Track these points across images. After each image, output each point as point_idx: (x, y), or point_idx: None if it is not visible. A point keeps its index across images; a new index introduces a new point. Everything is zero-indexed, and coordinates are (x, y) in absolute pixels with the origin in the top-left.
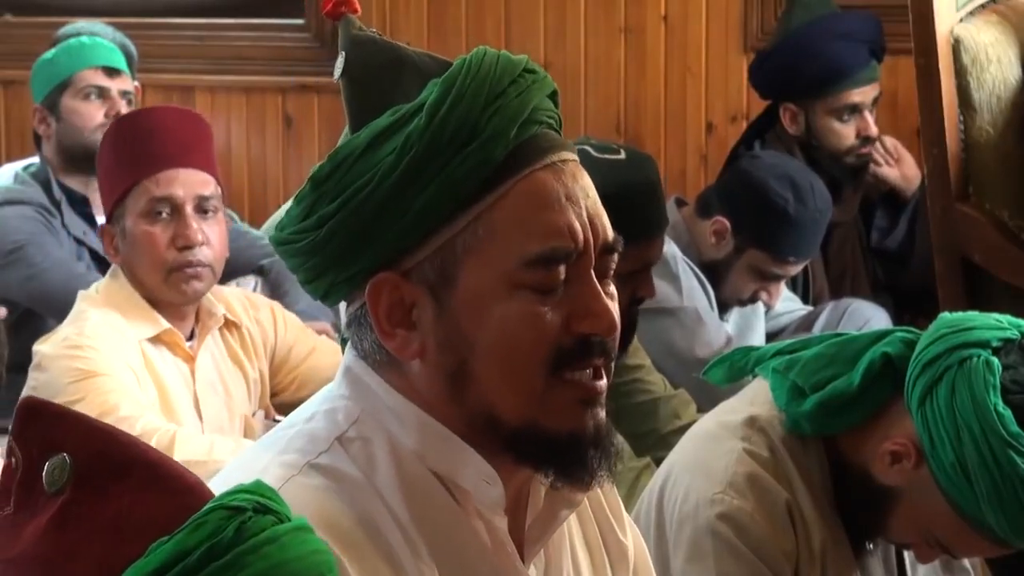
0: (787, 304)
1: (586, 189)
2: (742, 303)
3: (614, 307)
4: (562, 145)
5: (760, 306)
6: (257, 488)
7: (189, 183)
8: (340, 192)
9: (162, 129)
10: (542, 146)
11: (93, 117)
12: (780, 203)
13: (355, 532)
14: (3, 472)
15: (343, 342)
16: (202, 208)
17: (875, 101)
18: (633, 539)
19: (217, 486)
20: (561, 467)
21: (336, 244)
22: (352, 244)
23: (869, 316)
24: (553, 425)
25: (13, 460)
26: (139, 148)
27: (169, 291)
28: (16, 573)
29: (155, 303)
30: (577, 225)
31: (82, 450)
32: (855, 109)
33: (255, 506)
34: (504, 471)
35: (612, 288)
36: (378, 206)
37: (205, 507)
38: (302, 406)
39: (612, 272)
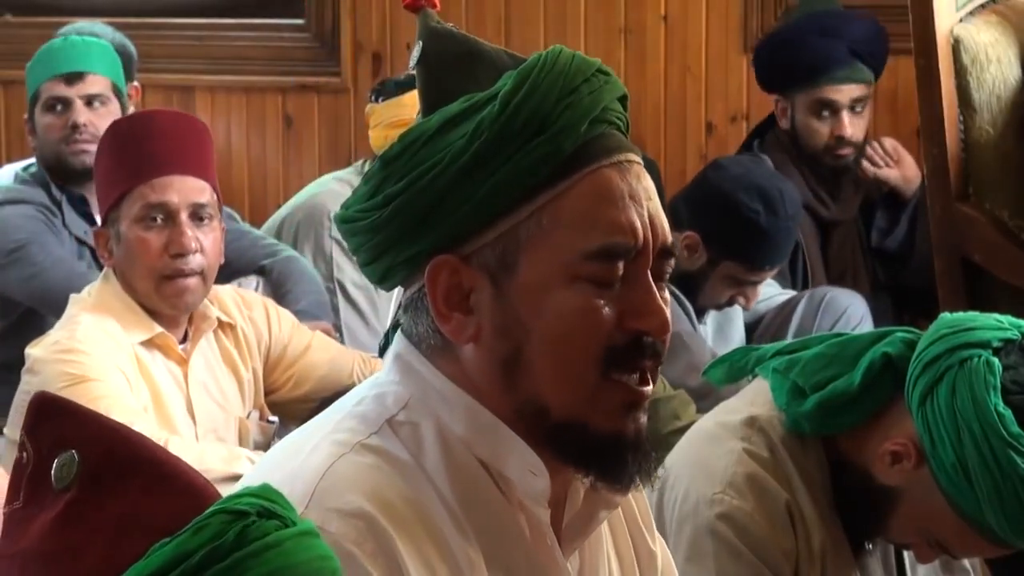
0: (766, 290)
1: (648, 191)
2: (719, 307)
3: (668, 311)
4: (629, 147)
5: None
6: (263, 492)
7: (184, 190)
8: (408, 172)
9: (159, 134)
10: (610, 145)
11: (55, 129)
12: (752, 216)
13: (405, 510)
14: (14, 467)
15: (387, 334)
16: (197, 215)
17: (858, 102)
18: (661, 547)
19: (265, 467)
20: (601, 467)
21: (400, 223)
22: (415, 224)
23: (846, 304)
24: (598, 424)
25: (24, 455)
26: (136, 152)
27: (160, 301)
28: (21, 568)
29: (146, 307)
30: (639, 224)
31: (91, 448)
32: (832, 107)
33: (259, 510)
34: (548, 466)
35: (667, 293)
36: (444, 188)
37: (208, 510)
38: (350, 392)
39: (667, 277)
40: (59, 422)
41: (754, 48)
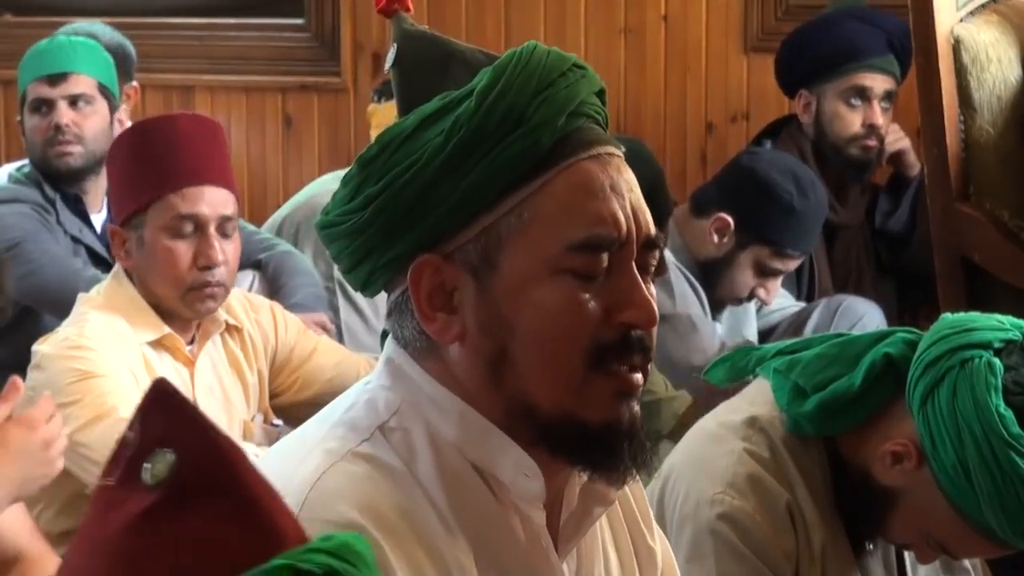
0: (779, 301)
1: (630, 183)
2: (739, 301)
3: (654, 304)
4: (608, 140)
5: (751, 305)
6: (338, 550)
7: (214, 202)
8: (386, 173)
9: (186, 139)
10: (588, 138)
11: (40, 131)
12: (786, 197)
13: (395, 519)
14: (119, 443)
15: (383, 336)
16: (223, 228)
17: (888, 96)
18: (661, 543)
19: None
20: (596, 459)
21: (380, 225)
22: (396, 225)
23: (862, 313)
24: (589, 416)
25: (131, 434)
26: (165, 159)
27: (183, 308)
28: (90, 556)
29: (159, 308)
30: (621, 215)
31: (191, 455)
32: (864, 95)
33: (326, 571)
34: (541, 466)
35: (652, 286)
36: (423, 187)
37: (274, 562)
38: (339, 397)
39: (652, 269)
40: (173, 417)
41: (782, 44)
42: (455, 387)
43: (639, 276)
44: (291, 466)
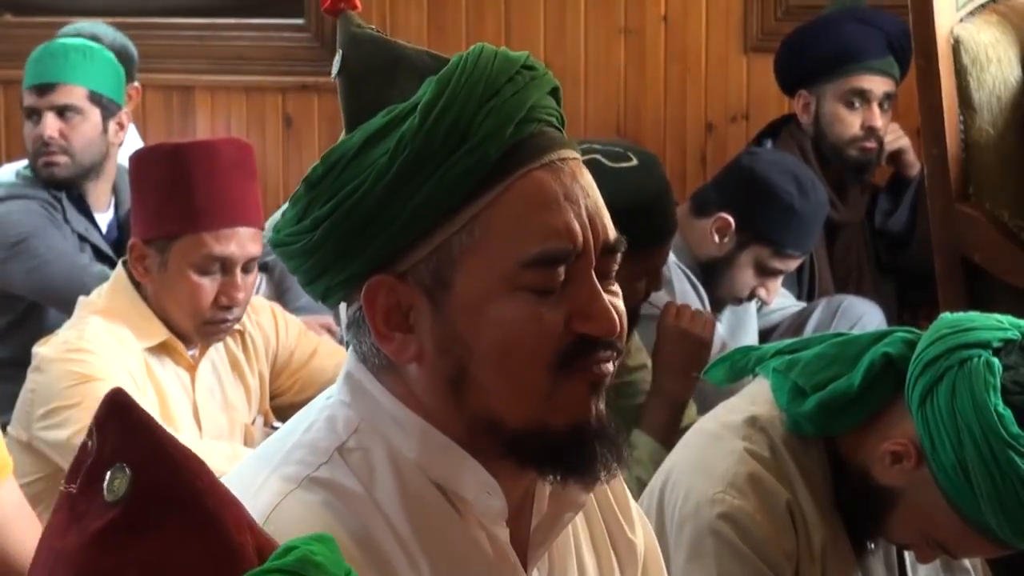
0: (780, 301)
1: (586, 188)
2: (739, 301)
3: (619, 305)
4: (562, 143)
5: (752, 305)
6: (296, 566)
7: (245, 243)
8: (333, 194)
9: (226, 174)
10: (540, 145)
11: (30, 140)
12: (787, 197)
13: (354, 550)
14: (81, 447)
15: (348, 344)
16: (247, 267)
17: (887, 97)
18: (644, 535)
19: None
20: (568, 465)
21: (330, 247)
22: (346, 247)
23: (862, 313)
24: (557, 422)
25: (90, 444)
26: (203, 193)
27: (195, 335)
28: (52, 570)
29: (165, 319)
30: (576, 225)
31: (146, 473)
32: (864, 97)
33: None
34: (506, 478)
35: (616, 287)
36: (371, 209)
37: None
38: (301, 412)
39: (615, 272)
40: (127, 429)
41: (782, 44)
42: (415, 404)
43: (599, 285)
44: (249, 493)
